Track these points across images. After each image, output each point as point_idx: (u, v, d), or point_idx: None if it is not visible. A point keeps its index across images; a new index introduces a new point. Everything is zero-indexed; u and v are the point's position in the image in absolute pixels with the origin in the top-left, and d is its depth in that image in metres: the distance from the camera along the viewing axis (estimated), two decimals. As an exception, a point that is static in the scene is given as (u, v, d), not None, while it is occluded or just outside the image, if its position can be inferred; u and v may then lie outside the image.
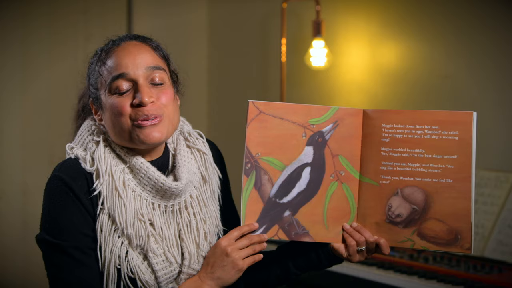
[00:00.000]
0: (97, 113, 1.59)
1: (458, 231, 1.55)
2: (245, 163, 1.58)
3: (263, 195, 1.59)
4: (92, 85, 1.58)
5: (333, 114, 1.61)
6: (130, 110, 1.52)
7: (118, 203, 1.52)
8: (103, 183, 1.52)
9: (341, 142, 1.61)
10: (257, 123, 1.59)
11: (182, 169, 1.60)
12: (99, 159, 1.53)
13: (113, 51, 1.55)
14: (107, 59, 1.55)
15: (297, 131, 1.60)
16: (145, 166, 1.55)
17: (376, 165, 1.60)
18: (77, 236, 1.50)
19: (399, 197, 1.59)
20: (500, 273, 2.51)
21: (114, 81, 1.52)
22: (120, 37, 1.59)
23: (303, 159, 1.60)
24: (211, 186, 1.67)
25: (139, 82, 1.53)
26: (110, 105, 1.53)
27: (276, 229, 1.60)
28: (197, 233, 1.60)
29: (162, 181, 1.55)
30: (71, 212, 1.50)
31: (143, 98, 1.51)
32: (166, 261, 1.55)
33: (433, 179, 1.57)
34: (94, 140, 1.57)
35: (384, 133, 1.60)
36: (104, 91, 1.54)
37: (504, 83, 2.86)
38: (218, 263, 1.56)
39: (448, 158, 1.56)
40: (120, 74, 1.52)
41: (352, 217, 1.62)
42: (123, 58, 1.53)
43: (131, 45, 1.56)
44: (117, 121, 1.53)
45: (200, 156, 1.67)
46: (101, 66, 1.55)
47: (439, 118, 1.57)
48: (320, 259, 1.67)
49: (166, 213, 1.58)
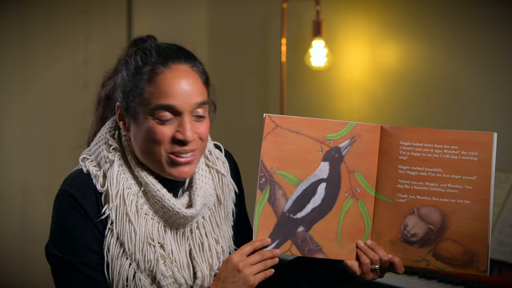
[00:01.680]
0: (124, 123, 1.52)
1: (474, 253, 1.53)
2: (259, 177, 1.56)
3: (276, 210, 1.57)
4: (126, 94, 1.50)
5: (350, 130, 1.59)
6: (169, 141, 1.47)
7: (128, 228, 1.49)
8: (112, 208, 1.48)
9: (358, 158, 1.59)
10: (272, 137, 1.56)
11: (199, 192, 1.56)
12: (111, 181, 1.49)
13: (161, 73, 1.46)
14: (153, 79, 1.46)
15: (313, 146, 1.58)
16: (160, 193, 1.50)
17: (393, 183, 1.57)
18: (86, 253, 1.49)
19: (415, 216, 1.56)
20: (500, 273, 2.51)
21: (160, 109, 1.46)
22: (169, 52, 1.50)
23: (319, 175, 1.58)
24: (226, 208, 1.64)
25: (185, 116, 1.47)
26: (148, 129, 1.47)
27: (289, 244, 1.57)
28: (210, 253, 1.58)
29: (177, 210, 1.51)
30: (81, 228, 1.48)
31: (187, 135, 1.47)
32: (176, 283, 1.53)
33: (451, 199, 1.54)
34: (109, 158, 1.52)
35: (402, 151, 1.57)
36: (144, 111, 1.47)
37: (504, 83, 2.86)
38: (229, 278, 1.53)
39: (467, 179, 1.54)
40: (168, 105, 1.46)
41: (367, 234, 1.59)
42: (174, 88, 1.46)
43: (181, 71, 1.48)
44: (151, 148, 1.48)
45: (218, 177, 1.63)
46: (145, 84, 1.47)
47: (458, 138, 1.54)
48: (332, 276, 1.64)
49: (178, 235, 1.56)
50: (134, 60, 1.50)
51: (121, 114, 1.52)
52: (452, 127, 1.94)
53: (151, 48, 1.51)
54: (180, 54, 1.50)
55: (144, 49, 1.51)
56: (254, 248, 1.54)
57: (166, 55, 1.49)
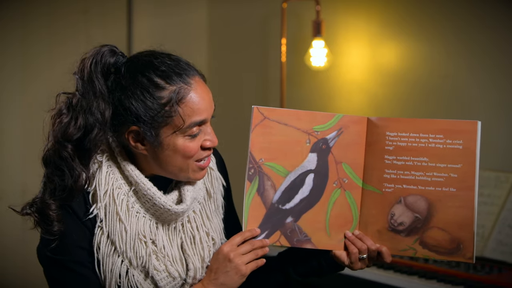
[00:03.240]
0: (138, 143, 1.50)
1: (460, 240, 1.55)
2: (248, 169, 1.58)
3: (265, 200, 1.59)
4: (146, 119, 1.47)
5: (337, 121, 1.61)
6: (199, 151, 1.52)
7: (119, 227, 1.50)
8: (100, 207, 1.49)
9: (345, 150, 1.61)
10: (261, 129, 1.58)
11: (188, 187, 1.57)
12: (99, 182, 1.50)
13: (188, 91, 1.48)
14: (183, 100, 1.47)
15: (301, 138, 1.60)
16: (151, 192, 1.52)
17: (379, 173, 1.59)
18: (77, 251, 1.49)
19: (402, 205, 1.58)
20: (500, 273, 2.51)
21: (196, 125, 1.49)
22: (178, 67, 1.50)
23: (307, 166, 1.60)
24: (215, 201, 1.66)
25: (208, 124, 1.53)
26: (179, 147, 1.49)
27: (278, 235, 1.59)
28: (201, 246, 1.59)
29: (168, 207, 1.52)
30: (70, 227, 1.49)
31: (215, 141, 1.53)
32: (170, 276, 1.54)
33: (437, 187, 1.56)
34: (98, 159, 1.53)
35: (388, 141, 1.59)
36: (173, 131, 1.47)
37: (504, 83, 2.86)
38: (221, 269, 1.55)
39: (452, 167, 1.55)
40: (203, 120, 1.50)
41: (354, 224, 1.62)
42: (203, 102, 1.50)
43: (199, 84, 1.51)
44: (181, 162, 1.51)
45: (207, 171, 1.65)
46: (174, 106, 1.46)
47: (443, 127, 1.56)
48: (321, 266, 1.67)
49: (169, 230, 1.57)
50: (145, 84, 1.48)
51: (137, 136, 1.50)
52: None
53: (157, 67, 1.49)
54: (187, 66, 1.52)
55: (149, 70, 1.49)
56: (244, 239, 1.56)
57: (179, 71, 1.49)
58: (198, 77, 1.52)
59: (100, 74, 1.49)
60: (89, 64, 1.49)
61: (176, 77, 1.48)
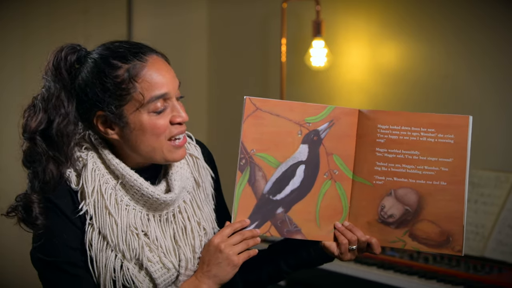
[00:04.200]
0: (108, 128, 1.52)
1: (450, 233, 1.56)
2: (239, 159, 1.58)
3: (256, 191, 1.59)
4: (108, 101, 1.49)
5: (329, 113, 1.61)
6: (168, 129, 1.51)
7: (109, 221, 1.50)
8: (89, 203, 1.49)
9: (336, 141, 1.61)
10: (253, 120, 1.59)
11: (175, 176, 1.58)
12: (85, 180, 1.50)
13: (143, 67, 1.49)
14: (138, 75, 1.48)
15: (293, 129, 1.60)
16: (138, 183, 1.52)
17: (370, 165, 1.60)
18: (69, 252, 1.49)
19: (392, 197, 1.59)
20: (500, 273, 2.51)
21: (158, 99, 1.49)
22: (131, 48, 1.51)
23: (298, 157, 1.60)
24: (205, 190, 1.66)
25: (174, 100, 1.52)
26: (145, 125, 1.49)
27: (268, 225, 1.60)
28: (192, 235, 1.59)
29: (156, 196, 1.53)
30: (60, 228, 1.49)
31: (183, 116, 1.52)
32: (164, 268, 1.54)
33: (427, 181, 1.57)
34: (82, 158, 1.54)
35: (379, 134, 1.60)
36: (136, 108, 1.49)
37: (504, 83, 2.86)
38: (213, 260, 1.55)
39: (443, 161, 1.56)
40: (165, 93, 1.49)
41: (344, 216, 1.62)
42: (164, 76, 1.50)
43: (159, 61, 1.52)
44: (152, 141, 1.51)
45: (192, 161, 1.66)
46: (130, 83, 1.48)
47: (435, 121, 1.57)
48: (310, 257, 1.67)
49: (161, 221, 1.57)
50: (101, 67, 1.50)
51: (104, 121, 1.52)
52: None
53: (113, 50, 1.51)
54: (144, 46, 1.54)
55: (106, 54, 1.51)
56: (234, 230, 1.56)
57: (133, 51, 1.51)
58: (156, 56, 1.53)
59: (64, 69, 1.55)
60: (51, 63, 1.58)
61: (131, 56, 1.50)
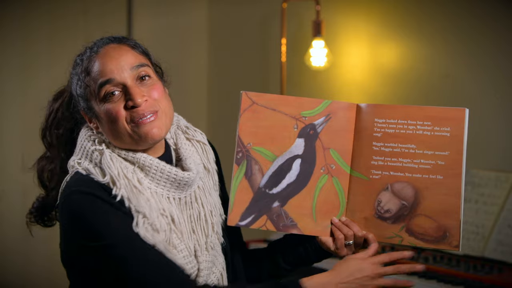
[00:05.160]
0: (92, 122, 1.58)
1: (446, 228, 1.54)
2: (236, 152, 1.59)
3: (253, 184, 1.60)
4: (81, 96, 1.55)
5: (325, 107, 1.61)
6: (125, 114, 1.52)
7: (142, 199, 1.49)
8: (120, 187, 1.49)
9: (333, 136, 1.61)
10: (249, 114, 1.60)
11: (189, 160, 1.59)
12: (108, 166, 1.51)
13: (94, 59, 1.53)
14: (90, 68, 1.52)
15: (289, 123, 1.60)
16: (155, 162, 1.54)
17: (367, 159, 1.59)
18: (128, 231, 1.46)
19: (388, 192, 1.58)
20: (500, 273, 2.51)
21: (102, 87, 1.51)
22: (97, 42, 1.57)
23: (294, 151, 1.60)
24: (213, 176, 1.68)
25: (128, 84, 1.52)
26: (104, 113, 1.52)
27: (264, 219, 1.60)
28: (205, 222, 1.60)
29: (174, 173, 1.54)
30: (109, 213, 1.47)
31: (135, 99, 1.51)
32: (188, 256, 1.54)
33: (424, 175, 1.56)
34: (97, 149, 1.54)
35: (376, 128, 1.59)
36: (95, 100, 1.53)
37: (504, 83, 2.86)
38: (358, 280, 1.51)
39: (440, 154, 1.55)
40: (107, 80, 1.51)
41: (341, 211, 1.61)
42: (106, 64, 1.52)
43: (111, 49, 1.54)
44: (115, 127, 1.52)
45: (201, 147, 1.68)
46: (85, 77, 1.53)
47: (431, 114, 1.56)
48: (307, 252, 1.67)
49: (180, 205, 1.57)
50: (75, 66, 1.57)
51: (85, 116, 1.58)
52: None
53: (85, 49, 1.58)
54: (109, 39, 1.58)
55: (80, 54, 1.58)
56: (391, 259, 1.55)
57: (95, 45, 1.56)
58: (114, 44, 1.56)
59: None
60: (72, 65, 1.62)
61: (88, 51, 1.56)
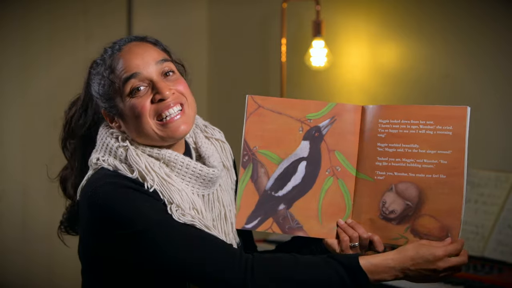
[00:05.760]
0: (114, 122, 1.59)
1: (449, 228, 1.54)
2: (242, 155, 1.60)
3: (259, 187, 1.60)
4: (103, 96, 1.57)
5: (330, 110, 1.62)
6: (151, 108, 1.53)
7: (174, 190, 1.51)
8: (150, 180, 1.50)
9: (338, 138, 1.61)
10: (255, 117, 1.60)
11: (212, 158, 1.63)
12: (135, 162, 1.51)
13: (118, 57, 1.55)
14: (114, 65, 1.54)
15: (294, 126, 1.61)
16: (180, 157, 1.56)
17: (372, 161, 1.59)
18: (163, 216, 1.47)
19: (393, 193, 1.57)
20: (500, 273, 2.51)
21: (127, 82, 1.53)
22: (118, 42, 1.59)
23: (299, 153, 1.61)
24: (231, 175, 1.70)
25: (154, 78, 1.54)
26: (129, 108, 1.54)
27: (270, 222, 1.60)
28: (226, 221, 1.62)
29: (200, 168, 1.57)
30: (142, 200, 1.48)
31: (163, 92, 1.53)
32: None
33: (427, 174, 1.55)
34: (122, 146, 1.55)
35: (380, 129, 1.59)
36: (120, 96, 1.54)
37: (504, 83, 2.86)
38: (423, 269, 1.47)
39: (442, 153, 1.54)
40: (132, 74, 1.53)
41: (347, 213, 1.61)
42: (131, 60, 1.54)
43: (134, 46, 1.57)
44: (140, 123, 1.53)
45: (220, 146, 1.71)
46: (110, 74, 1.54)
47: (433, 113, 1.56)
48: (313, 254, 1.63)
49: (204, 201, 1.59)
50: (96, 67, 1.58)
51: (108, 115, 1.59)
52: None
53: (106, 49, 1.60)
54: (130, 37, 1.60)
55: (101, 54, 1.60)
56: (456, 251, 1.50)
57: (118, 44, 1.58)
58: (136, 42, 1.58)
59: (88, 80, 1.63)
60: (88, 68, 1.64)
61: (110, 49, 1.58)
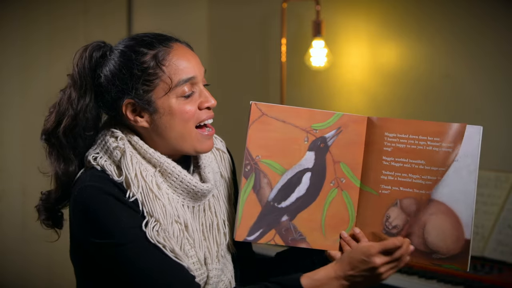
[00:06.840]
0: (137, 116, 1.53)
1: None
2: (244, 165, 1.56)
3: (261, 198, 1.56)
4: (135, 88, 1.50)
5: (337, 120, 1.58)
6: (196, 113, 1.52)
7: (157, 204, 1.49)
8: (134, 189, 1.47)
9: (344, 149, 1.58)
10: (259, 125, 1.56)
11: (208, 169, 1.59)
12: (126, 167, 1.49)
13: (169, 52, 1.50)
14: (164, 60, 1.49)
15: (299, 135, 1.57)
16: (177, 170, 1.52)
17: (377, 174, 1.56)
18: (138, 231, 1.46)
19: (397, 208, 1.55)
20: (500, 273, 2.51)
21: (186, 83, 1.49)
22: (158, 37, 1.53)
23: (304, 164, 1.57)
24: (229, 186, 1.66)
25: (201, 86, 1.53)
26: (175, 109, 1.50)
27: (273, 233, 1.57)
28: (218, 231, 1.59)
29: (194, 184, 1.53)
30: (120, 211, 1.46)
31: (211, 101, 1.52)
32: (198, 263, 1.53)
33: (426, 191, 1.53)
34: (119, 147, 1.52)
35: (386, 142, 1.56)
36: (164, 94, 1.49)
37: (504, 83, 2.86)
38: (363, 272, 1.48)
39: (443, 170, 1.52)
40: (191, 77, 1.50)
41: (351, 225, 1.59)
42: (190, 61, 1.51)
43: (184, 47, 1.54)
44: (181, 126, 1.51)
45: (219, 155, 1.67)
46: (157, 68, 1.49)
47: (441, 130, 1.53)
48: (314, 265, 1.62)
49: (194, 213, 1.56)
50: (128, 55, 1.51)
51: (133, 110, 1.53)
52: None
53: (139, 40, 1.53)
54: (168, 35, 1.55)
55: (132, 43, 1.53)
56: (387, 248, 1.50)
57: (159, 39, 1.53)
58: (181, 44, 1.54)
59: (88, 68, 1.54)
60: (76, 64, 1.55)
61: (157, 43, 1.52)
